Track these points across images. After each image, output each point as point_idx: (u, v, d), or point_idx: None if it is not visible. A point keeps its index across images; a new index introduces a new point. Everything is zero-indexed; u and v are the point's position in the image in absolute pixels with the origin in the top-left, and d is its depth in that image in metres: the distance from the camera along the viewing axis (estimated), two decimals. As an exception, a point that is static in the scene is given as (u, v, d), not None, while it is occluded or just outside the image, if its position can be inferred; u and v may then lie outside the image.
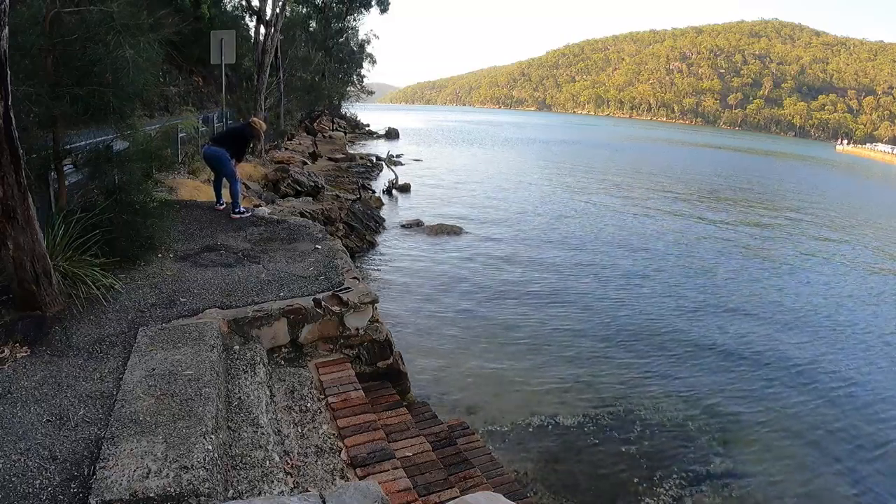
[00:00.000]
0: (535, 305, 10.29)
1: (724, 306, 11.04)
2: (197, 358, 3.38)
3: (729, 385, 7.76)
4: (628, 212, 20.67)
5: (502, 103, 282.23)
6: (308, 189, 15.02)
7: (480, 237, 15.15)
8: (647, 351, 8.64)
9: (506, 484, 4.34)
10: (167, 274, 4.89)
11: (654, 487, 5.48)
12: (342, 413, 3.87)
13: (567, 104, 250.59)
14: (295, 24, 29.50)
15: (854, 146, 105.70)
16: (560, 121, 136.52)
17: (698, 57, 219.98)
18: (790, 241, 17.81)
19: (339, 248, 6.10)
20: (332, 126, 40.81)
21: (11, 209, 3.54)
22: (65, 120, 4.79)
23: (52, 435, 2.73)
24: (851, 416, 7.24)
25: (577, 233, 16.56)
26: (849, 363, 8.85)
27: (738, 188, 30.94)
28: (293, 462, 3.25)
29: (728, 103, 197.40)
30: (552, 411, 6.67)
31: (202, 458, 2.52)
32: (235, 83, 22.20)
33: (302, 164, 19.30)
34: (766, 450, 6.34)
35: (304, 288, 4.78)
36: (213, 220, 6.88)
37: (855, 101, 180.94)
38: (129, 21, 4.65)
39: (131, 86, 4.72)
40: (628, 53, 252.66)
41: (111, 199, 4.91)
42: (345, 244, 8.75)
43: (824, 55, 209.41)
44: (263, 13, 18.06)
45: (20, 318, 3.72)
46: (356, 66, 45.27)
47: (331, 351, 4.61)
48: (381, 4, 37.75)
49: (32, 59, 4.34)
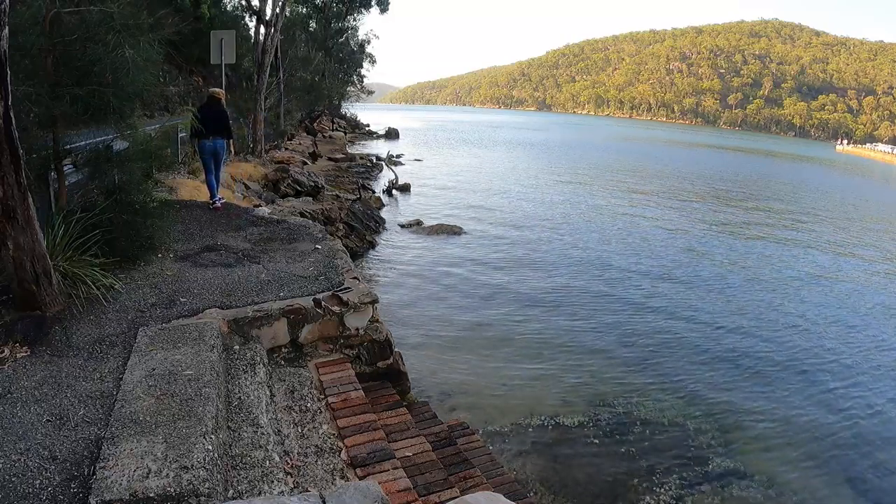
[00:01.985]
0: (536, 305, 10.29)
1: (724, 307, 11.04)
2: (197, 358, 3.38)
3: (729, 385, 7.76)
4: (628, 213, 20.67)
5: (502, 103, 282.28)
6: (308, 189, 15.02)
7: (480, 237, 15.15)
8: (647, 351, 8.64)
9: (506, 484, 4.34)
10: (167, 274, 4.90)
11: (654, 487, 5.48)
12: (342, 413, 3.87)
13: (567, 104, 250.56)
14: (295, 24, 29.51)
15: (854, 146, 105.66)
16: (560, 121, 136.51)
17: (698, 57, 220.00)
18: (792, 243, 17.81)
19: (339, 248, 6.10)
20: (332, 126, 40.82)
21: (11, 209, 3.54)
22: (65, 120, 4.79)
23: (52, 435, 2.73)
24: (851, 417, 7.23)
25: (578, 233, 16.55)
26: (849, 364, 8.85)
27: (739, 189, 30.93)
28: (293, 462, 3.25)
29: (728, 103, 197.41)
30: (552, 411, 6.67)
31: (202, 458, 2.53)
32: (235, 83, 22.17)
33: (302, 164, 19.31)
34: (766, 450, 6.34)
35: (304, 288, 4.78)
36: (213, 220, 6.88)
37: (855, 101, 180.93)
38: (129, 21, 4.66)
39: (131, 86, 4.72)
40: (628, 53, 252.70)
41: (111, 199, 4.91)
42: (345, 244, 8.75)
43: (824, 55, 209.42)
44: (263, 13, 18.06)
45: (20, 318, 3.72)
46: (356, 66, 45.28)
47: (331, 351, 4.61)
48: (381, 4, 37.77)
49: (32, 59, 4.34)
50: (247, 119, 17.33)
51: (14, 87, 3.49)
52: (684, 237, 17.08)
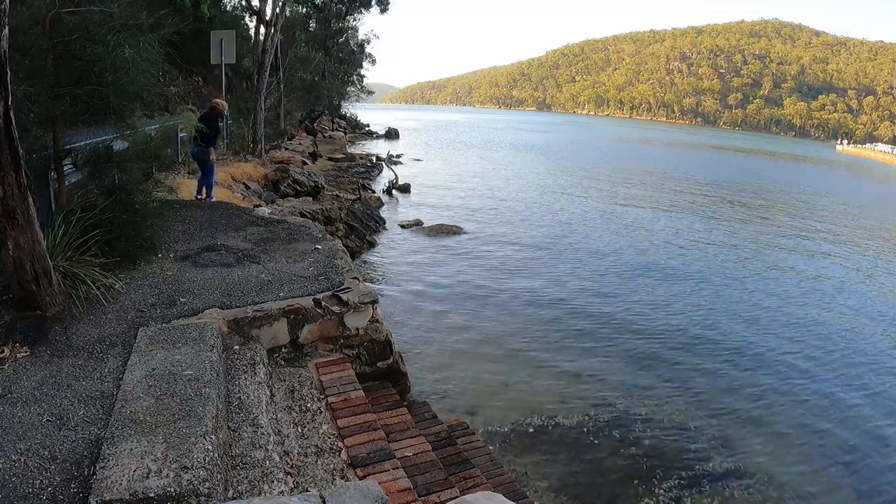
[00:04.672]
0: (536, 305, 10.29)
1: (724, 308, 11.04)
2: (197, 358, 3.38)
3: (729, 386, 7.76)
4: (629, 214, 20.66)
5: (502, 103, 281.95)
6: (308, 189, 15.00)
7: (480, 237, 15.15)
8: (647, 351, 8.64)
9: (506, 484, 4.34)
10: (167, 274, 4.90)
11: (654, 487, 5.48)
12: (342, 413, 3.87)
13: (567, 104, 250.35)
14: (295, 24, 29.47)
15: (854, 146, 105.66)
16: (560, 121, 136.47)
17: (698, 57, 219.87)
18: (794, 245, 17.80)
19: (339, 248, 6.10)
20: (332, 126, 40.77)
21: (11, 209, 3.54)
22: (65, 120, 4.79)
23: (52, 435, 2.73)
24: (851, 417, 7.24)
25: (578, 232, 16.55)
26: (849, 364, 8.85)
27: (739, 189, 30.92)
28: (293, 462, 3.25)
29: (728, 103, 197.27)
30: (552, 411, 6.67)
31: (202, 458, 2.52)
32: (235, 83, 22.16)
33: (302, 164, 19.29)
34: (766, 450, 6.33)
35: (304, 288, 4.78)
36: (212, 220, 6.88)
37: (855, 101, 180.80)
38: (129, 21, 4.65)
39: (131, 86, 4.72)
40: (628, 53, 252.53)
41: (111, 199, 4.91)
42: (345, 244, 8.74)
43: (824, 55, 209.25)
44: (263, 13, 18.05)
45: (20, 318, 3.72)
46: (356, 66, 45.20)
47: (331, 351, 4.61)
48: (381, 4, 37.68)
49: (32, 59, 4.34)
50: (247, 119, 17.32)
51: (14, 87, 3.49)
52: (685, 238, 17.07)
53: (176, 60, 19.23)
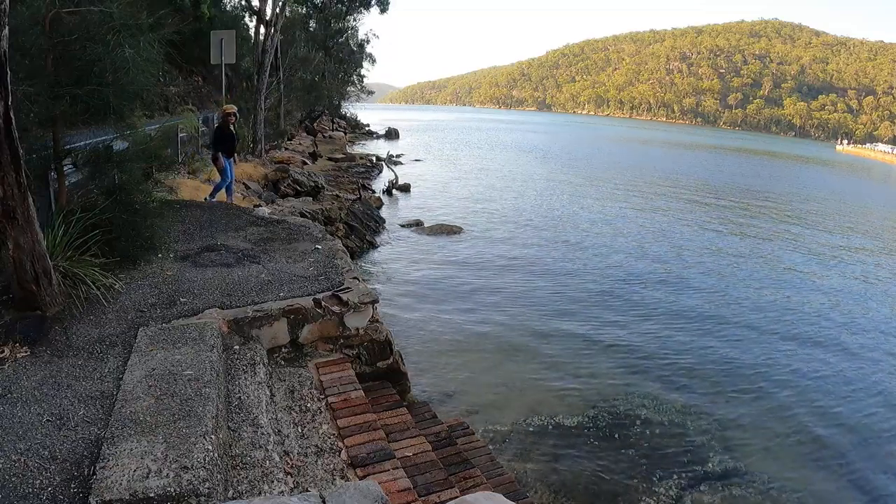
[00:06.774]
0: (535, 305, 10.29)
1: (725, 310, 11.04)
2: (197, 358, 3.38)
3: (729, 386, 7.75)
4: (629, 215, 20.66)
5: (502, 103, 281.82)
6: (308, 189, 15.00)
7: (480, 236, 15.15)
8: (647, 351, 8.63)
9: (506, 484, 4.34)
10: (167, 274, 4.89)
11: (654, 487, 5.48)
12: (342, 413, 3.87)
13: (567, 104, 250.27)
14: (295, 24, 29.47)
15: (854, 146, 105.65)
16: (560, 120, 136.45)
17: (698, 57, 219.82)
18: (795, 246, 17.80)
19: (339, 248, 6.10)
20: (332, 126, 40.77)
21: (11, 209, 3.54)
22: (65, 120, 4.79)
23: (52, 435, 2.73)
24: (851, 417, 7.24)
25: (578, 233, 16.55)
26: (849, 365, 8.85)
27: (741, 190, 30.92)
28: (293, 462, 3.25)
29: (728, 103, 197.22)
30: (552, 411, 6.67)
31: (202, 458, 2.52)
32: (235, 83, 22.16)
33: (302, 164, 19.30)
34: (766, 450, 6.33)
35: (304, 288, 4.78)
36: (213, 220, 6.88)
37: (855, 101, 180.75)
38: (129, 21, 4.65)
39: (131, 86, 4.72)
40: (628, 53, 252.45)
41: (111, 199, 4.91)
42: (345, 244, 8.74)
43: (824, 55, 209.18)
44: (263, 13, 18.06)
45: (20, 318, 3.72)
46: (356, 66, 45.19)
47: (331, 351, 4.61)
48: (381, 4, 37.66)
49: (32, 59, 4.34)
50: (247, 119, 17.32)
51: (14, 87, 3.49)
52: (686, 239, 17.07)
53: (176, 60, 19.22)
